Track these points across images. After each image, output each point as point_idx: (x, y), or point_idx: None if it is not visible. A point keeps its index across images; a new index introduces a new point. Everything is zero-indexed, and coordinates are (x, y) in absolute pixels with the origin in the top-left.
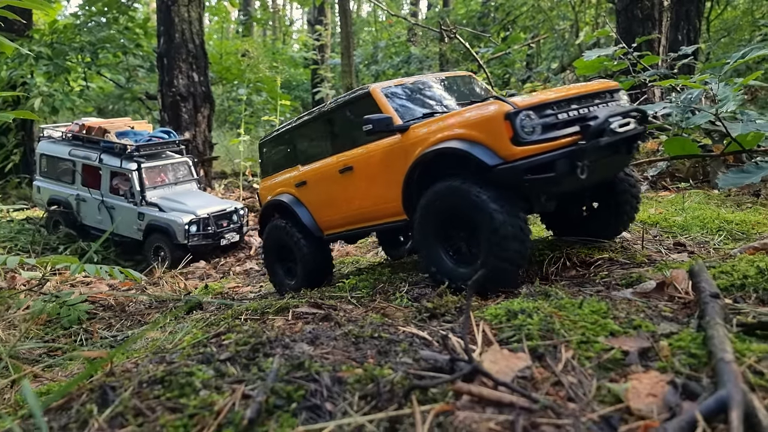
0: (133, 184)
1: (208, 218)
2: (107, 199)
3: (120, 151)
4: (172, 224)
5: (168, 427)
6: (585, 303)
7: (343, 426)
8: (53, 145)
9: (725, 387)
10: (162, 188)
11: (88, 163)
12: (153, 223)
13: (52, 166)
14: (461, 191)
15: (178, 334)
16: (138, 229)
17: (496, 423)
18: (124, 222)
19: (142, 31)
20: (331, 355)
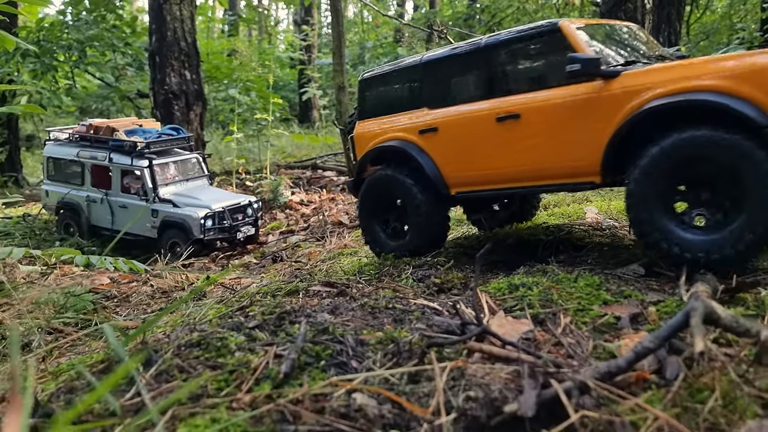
0: (145, 181)
1: (224, 212)
2: (119, 199)
3: (130, 148)
4: (187, 219)
5: (211, 380)
6: (580, 278)
7: (369, 378)
8: (60, 147)
9: (690, 303)
10: (174, 185)
11: (97, 163)
12: (168, 220)
13: (60, 168)
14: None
15: (198, 312)
16: (152, 227)
17: (506, 373)
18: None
19: (130, 30)
20: (352, 322)
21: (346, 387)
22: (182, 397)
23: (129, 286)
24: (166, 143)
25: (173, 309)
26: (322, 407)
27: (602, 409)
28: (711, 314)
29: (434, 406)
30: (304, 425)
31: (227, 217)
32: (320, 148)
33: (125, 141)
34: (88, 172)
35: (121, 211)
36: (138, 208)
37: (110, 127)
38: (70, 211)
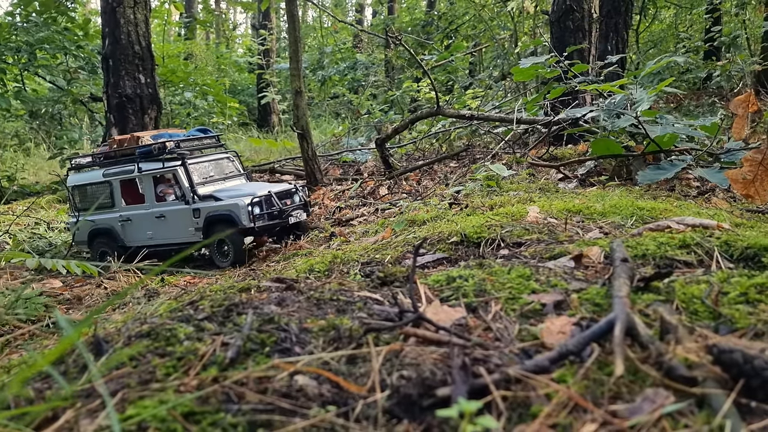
0: (181, 181)
1: (271, 197)
2: (154, 210)
3: (159, 151)
4: (233, 209)
5: (160, 366)
6: (513, 270)
7: (311, 361)
8: (83, 174)
9: (614, 311)
10: (212, 184)
11: (126, 177)
12: (212, 215)
13: (87, 196)
14: None
15: (150, 308)
16: (195, 229)
17: (437, 354)
18: (177, 228)
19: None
20: (297, 313)
21: (287, 369)
22: (131, 382)
23: (82, 288)
24: (197, 141)
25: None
26: (265, 388)
27: (520, 385)
28: (632, 329)
29: (370, 384)
30: (248, 404)
31: (276, 202)
32: (279, 153)
33: (153, 144)
34: (118, 191)
35: (159, 223)
36: (177, 213)
37: (134, 136)
38: (105, 236)
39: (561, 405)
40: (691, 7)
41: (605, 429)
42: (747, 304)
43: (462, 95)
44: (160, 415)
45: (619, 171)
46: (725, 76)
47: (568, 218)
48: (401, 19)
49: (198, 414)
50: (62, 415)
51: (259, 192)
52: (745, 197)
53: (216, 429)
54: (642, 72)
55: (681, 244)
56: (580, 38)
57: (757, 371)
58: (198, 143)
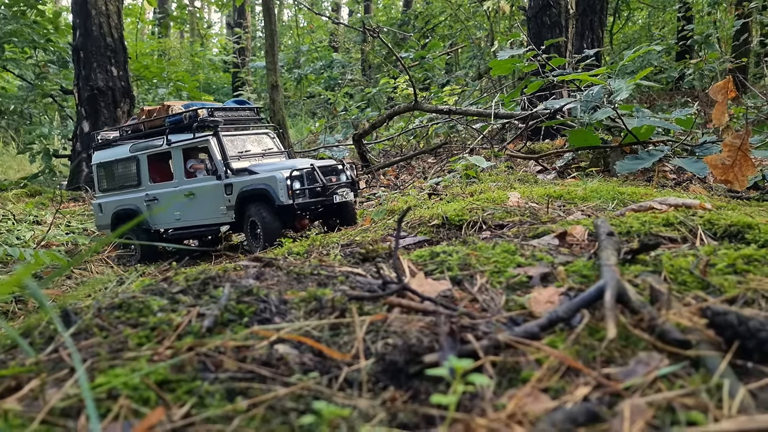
0: (213, 153)
1: (313, 171)
2: (183, 186)
3: (191, 120)
4: (270, 182)
5: (132, 336)
6: (497, 246)
7: (292, 330)
8: (110, 150)
9: (604, 278)
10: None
11: (154, 152)
12: (247, 190)
13: (113, 174)
14: None
15: (121, 287)
16: (227, 208)
17: (423, 323)
18: (207, 207)
19: (53, 26)
20: (276, 286)
21: (268, 335)
22: (101, 351)
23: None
24: (232, 111)
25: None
26: (244, 356)
27: (510, 351)
28: (623, 295)
29: (354, 352)
30: (226, 372)
31: (319, 177)
32: None
33: (184, 113)
34: (145, 167)
35: (188, 202)
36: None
37: (164, 105)
38: (129, 219)
39: (552, 369)
40: (664, 7)
41: (599, 391)
42: (735, 274)
43: (439, 92)
44: (132, 383)
45: (597, 162)
46: (698, 75)
47: (549, 202)
48: (378, 18)
49: (173, 382)
50: (26, 384)
51: (301, 164)
52: (724, 182)
53: (192, 397)
54: (621, 62)
55: (665, 223)
56: (557, 34)
57: (752, 332)
58: (234, 114)
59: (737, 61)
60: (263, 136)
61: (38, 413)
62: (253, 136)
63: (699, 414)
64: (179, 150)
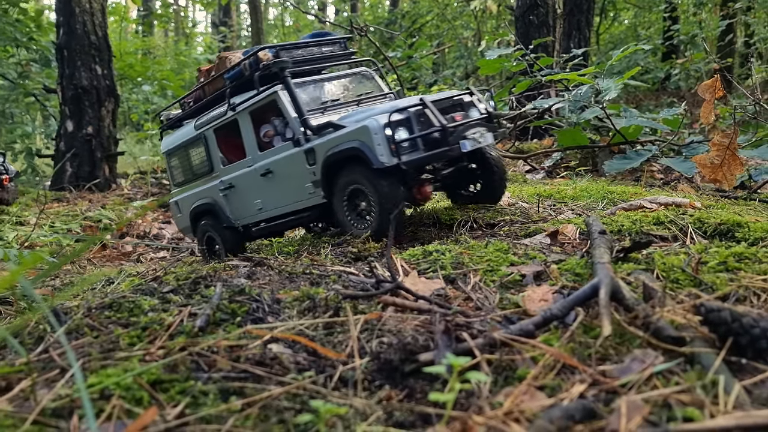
0: (284, 109)
1: (425, 107)
2: (259, 164)
3: (251, 69)
4: (360, 136)
5: (123, 336)
6: (490, 244)
7: (286, 329)
8: (176, 132)
9: (598, 276)
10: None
11: (219, 123)
12: (334, 153)
13: (185, 162)
14: None
15: (110, 286)
16: (314, 184)
17: (418, 322)
18: (288, 187)
19: (36, 25)
20: (269, 285)
21: (261, 334)
22: (93, 351)
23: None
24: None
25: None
26: (238, 356)
27: (505, 349)
28: (617, 292)
29: (348, 351)
30: (219, 372)
31: (435, 116)
32: None
33: (242, 61)
34: (214, 146)
35: (266, 184)
36: (286, 163)
37: (222, 57)
38: (208, 215)
39: (548, 367)
40: (650, 8)
41: (595, 389)
42: (727, 271)
43: (427, 91)
44: (125, 383)
45: (585, 162)
46: (684, 75)
47: (539, 201)
48: (364, 17)
49: (166, 382)
50: (17, 384)
51: (404, 103)
52: (712, 181)
53: (185, 397)
54: (609, 62)
55: (655, 221)
56: (544, 33)
57: (746, 329)
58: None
59: (722, 61)
60: (356, 76)
61: (30, 414)
62: (342, 78)
63: (695, 410)
64: (246, 114)
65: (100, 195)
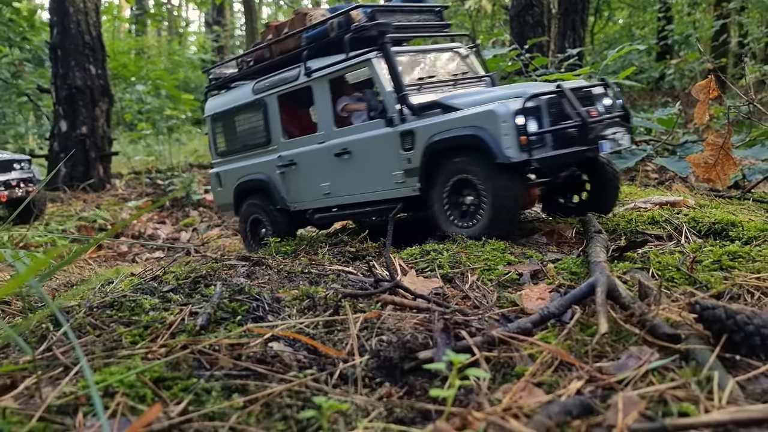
0: (379, 81)
1: (561, 97)
2: (334, 141)
3: (341, 30)
4: (484, 122)
5: (125, 335)
6: (487, 243)
7: (287, 327)
8: (226, 94)
9: (594, 275)
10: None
11: (286, 89)
12: (443, 140)
13: (232, 129)
14: None
15: (110, 286)
16: (405, 173)
17: (417, 320)
18: (372, 172)
19: (29, 24)
20: (268, 284)
21: (262, 333)
22: (96, 350)
23: None
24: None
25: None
26: (239, 354)
27: (503, 346)
28: (613, 291)
29: (348, 348)
30: (221, 370)
31: (574, 106)
32: None
33: (329, 18)
34: (275, 115)
35: (341, 165)
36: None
37: (299, 13)
38: (257, 194)
39: (545, 364)
40: (645, 7)
41: (592, 385)
42: (721, 270)
43: None
44: (128, 381)
45: None
46: (678, 75)
47: None
48: None
49: (169, 380)
50: (21, 382)
51: (535, 90)
52: (706, 181)
53: (188, 394)
54: (604, 61)
55: (650, 221)
56: (539, 33)
57: (740, 326)
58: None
59: (717, 61)
60: (451, 52)
61: (35, 411)
62: (437, 53)
63: (690, 405)
64: (324, 82)
65: (95, 195)
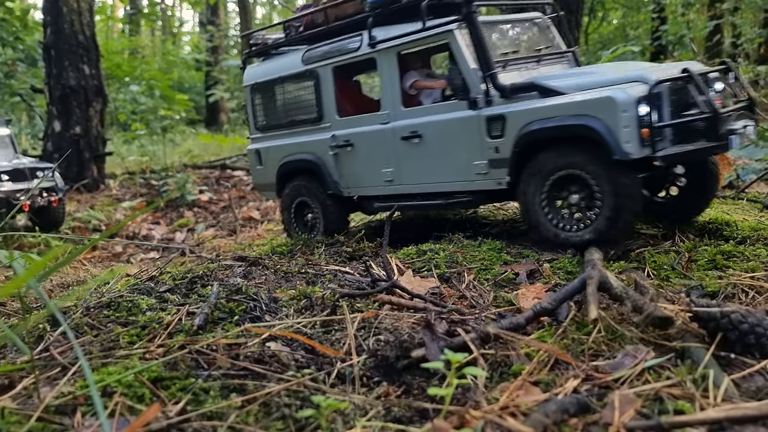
0: (460, 56)
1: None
2: (401, 123)
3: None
4: (599, 110)
5: (123, 335)
6: (483, 243)
7: (284, 327)
8: (271, 62)
9: (586, 271)
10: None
11: (344, 61)
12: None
13: (278, 102)
14: None
15: (107, 286)
16: (489, 163)
17: (414, 320)
18: (447, 160)
19: (22, 24)
20: (265, 284)
21: (260, 332)
22: (93, 350)
23: None
24: None
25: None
26: (237, 354)
27: (500, 345)
28: (605, 283)
29: (346, 348)
30: (219, 369)
31: (705, 96)
32: (229, 150)
33: None
34: (329, 89)
35: (408, 150)
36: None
37: None
38: (304, 177)
39: (542, 363)
40: (639, 8)
41: (589, 383)
42: (716, 269)
43: None
44: (126, 381)
45: None
46: None
47: None
48: None
49: (167, 379)
50: (19, 383)
51: (655, 75)
52: None
53: (187, 394)
54: (600, 61)
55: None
56: None
57: (734, 324)
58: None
59: (710, 61)
60: (529, 23)
61: (34, 411)
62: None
63: (686, 403)
64: (391, 55)
65: (89, 196)
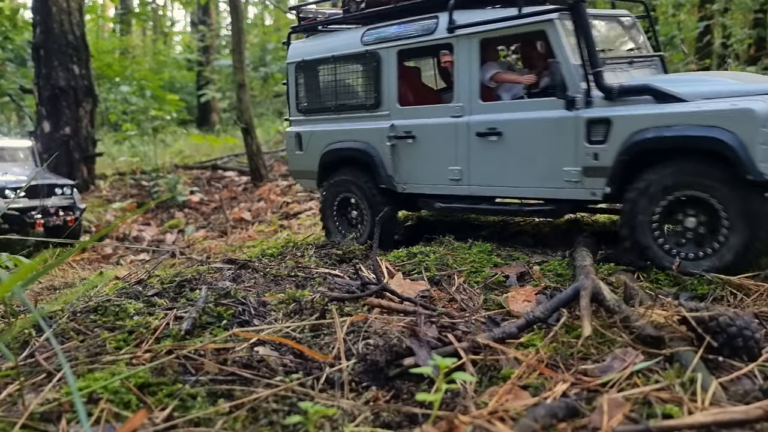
0: (560, 48)
1: None
2: (477, 118)
3: None
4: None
5: (110, 340)
6: (474, 246)
7: (273, 332)
8: (321, 39)
9: (579, 279)
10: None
11: (414, 44)
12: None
13: (325, 84)
14: None
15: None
16: (581, 171)
17: (404, 323)
18: (533, 162)
19: (11, 23)
20: (254, 288)
21: (248, 337)
22: (79, 355)
23: None
24: None
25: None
26: (225, 359)
27: (489, 350)
28: (598, 294)
29: (335, 353)
30: (207, 375)
31: None
32: (220, 150)
33: None
34: (391, 74)
35: (483, 147)
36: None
37: None
38: (353, 167)
39: (531, 367)
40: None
41: (577, 387)
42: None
43: None
44: (113, 387)
45: None
46: None
47: None
48: None
49: (154, 385)
50: (3, 389)
51: None
52: None
53: (174, 400)
54: None
55: None
56: None
57: (722, 327)
58: None
59: (701, 62)
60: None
61: (18, 418)
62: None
63: (674, 407)
64: (474, 42)
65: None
